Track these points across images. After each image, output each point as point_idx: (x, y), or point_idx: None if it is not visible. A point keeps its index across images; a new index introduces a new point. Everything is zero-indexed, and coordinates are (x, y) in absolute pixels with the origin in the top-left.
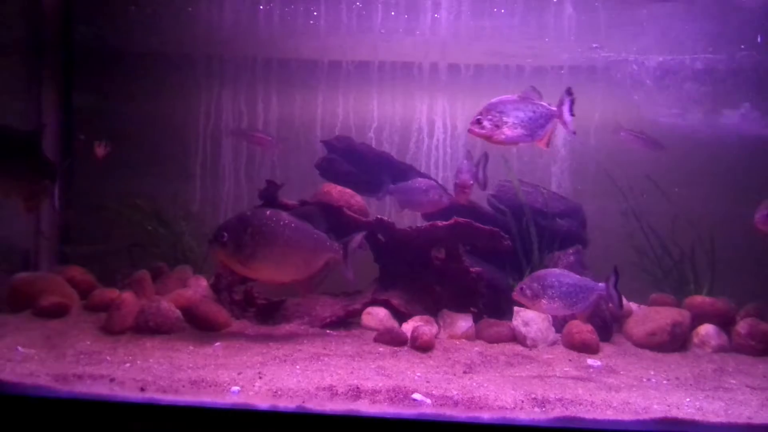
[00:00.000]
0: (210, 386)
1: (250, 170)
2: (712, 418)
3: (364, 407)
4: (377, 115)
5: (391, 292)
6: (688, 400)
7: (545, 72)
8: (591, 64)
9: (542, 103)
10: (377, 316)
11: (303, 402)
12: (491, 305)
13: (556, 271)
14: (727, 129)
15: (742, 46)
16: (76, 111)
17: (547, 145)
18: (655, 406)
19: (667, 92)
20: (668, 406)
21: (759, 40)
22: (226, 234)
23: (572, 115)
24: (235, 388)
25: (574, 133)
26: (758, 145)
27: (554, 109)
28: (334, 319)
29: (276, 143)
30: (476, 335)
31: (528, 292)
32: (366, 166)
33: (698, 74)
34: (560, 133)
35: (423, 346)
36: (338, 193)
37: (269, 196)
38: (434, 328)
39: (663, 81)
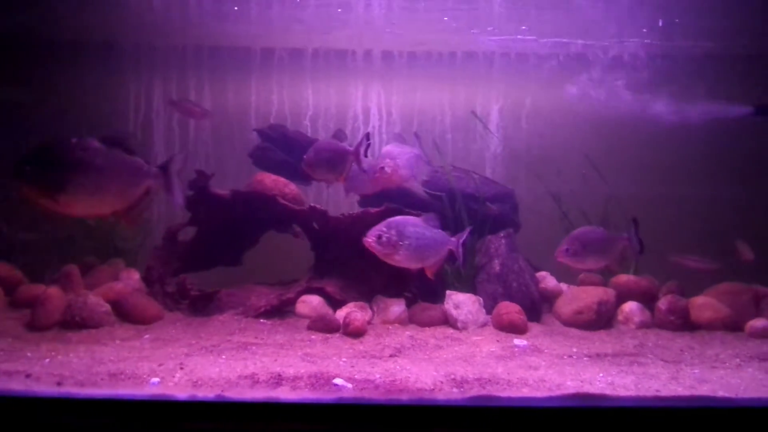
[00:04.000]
0: (129, 378)
1: (184, 160)
2: (622, 392)
3: (284, 394)
4: (312, 102)
5: (326, 279)
6: (601, 375)
7: (477, 58)
8: (521, 51)
9: (343, 145)
10: (311, 303)
11: (222, 391)
12: (426, 289)
13: (415, 221)
14: (650, 114)
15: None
16: None
17: (344, 180)
18: (569, 383)
19: (596, 78)
20: (581, 382)
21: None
22: (28, 167)
23: (366, 155)
24: (155, 380)
25: (365, 171)
26: (676, 130)
27: (351, 149)
28: (268, 308)
29: (206, 114)
30: (409, 319)
31: (384, 239)
32: (300, 154)
33: (621, 59)
34: (493, 119)
35: (354, 332)
36: (272, 181)
37: (199, 187)
38: (367, 314)
39: (591, 67)
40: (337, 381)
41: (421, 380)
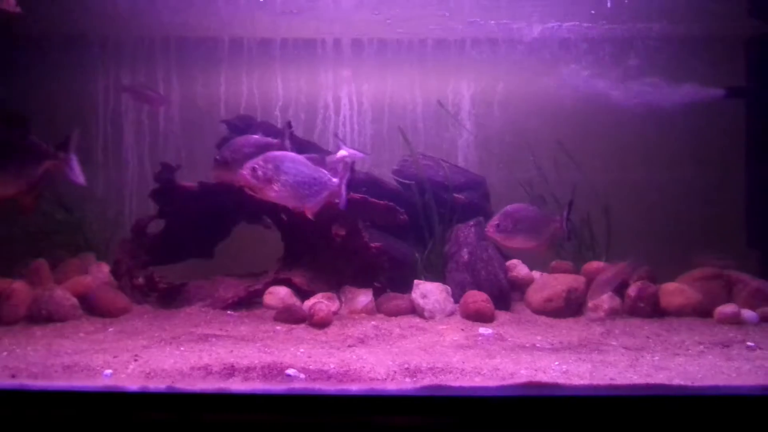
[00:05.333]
0: (82, 370)
1: (155, 153)
2: (576, 381)
3: (236, 385)
4: (282, 93)
5: (295, 270)
6: (556, 363)
7: (448, 45)
8: (492, 37)
9: (268, 139)
10: (278, 295)
11: (173, 382)
12: (396, 279)
13: (295, 156)
14: (618, 98)
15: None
16: None
17: None
18: (522, 371)
19: (565, 62)
20: (535, 370)
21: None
22: None
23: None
24: (108, 371)
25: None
26: (646, 114)
27: (276, 141)
28: (236, 300)
29: (163, 100)
30: (377, 309)
31: (260, 173)
32: None
33: (596, 43)
34: (465, 106)
35: (320, 323)
36: None
37: (165, 179)
38: (334, 304)
39: (559, 51)
40: (290, 371)
41: (375, 370)
